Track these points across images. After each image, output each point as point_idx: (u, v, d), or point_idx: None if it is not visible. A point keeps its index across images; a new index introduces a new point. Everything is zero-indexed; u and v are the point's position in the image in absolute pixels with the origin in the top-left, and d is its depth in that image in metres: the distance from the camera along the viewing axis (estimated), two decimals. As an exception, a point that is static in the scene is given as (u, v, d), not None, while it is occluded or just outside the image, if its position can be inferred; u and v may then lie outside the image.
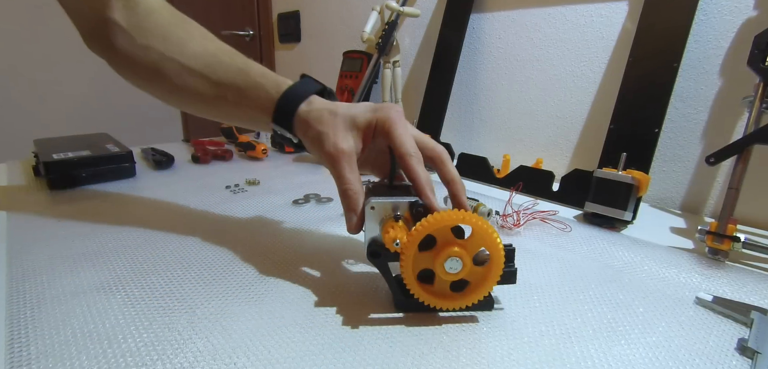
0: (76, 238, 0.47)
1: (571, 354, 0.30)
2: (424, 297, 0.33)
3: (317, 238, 0.49)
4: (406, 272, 0.32)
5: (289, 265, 0.42)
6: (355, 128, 0.37)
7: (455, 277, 0.32)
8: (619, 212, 0.53)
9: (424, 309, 0.34)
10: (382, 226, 0.33)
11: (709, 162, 0.50)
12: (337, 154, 0.36)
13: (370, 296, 0.37)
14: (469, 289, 0.33)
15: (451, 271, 0.32)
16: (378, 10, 0.96)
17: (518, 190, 0.64)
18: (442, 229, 0.31)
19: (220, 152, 0.87)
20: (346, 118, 0.37)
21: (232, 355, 0.29)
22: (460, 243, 0.32)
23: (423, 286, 0.33)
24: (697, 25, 0.62)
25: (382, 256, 0.33)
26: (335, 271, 0.41)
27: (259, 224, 0.53)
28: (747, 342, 0.31)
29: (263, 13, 1.49)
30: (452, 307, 0.33)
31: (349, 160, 0.36)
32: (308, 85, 0.40)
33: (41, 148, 0.72)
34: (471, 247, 0.32)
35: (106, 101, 1.98)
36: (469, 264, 0.32)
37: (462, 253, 0.31)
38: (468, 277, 0.33)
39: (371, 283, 0.39)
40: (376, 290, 0.38)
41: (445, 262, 0.31)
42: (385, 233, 0.32)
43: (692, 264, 0.44)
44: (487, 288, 0.33)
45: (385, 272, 0.35)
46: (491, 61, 0.88)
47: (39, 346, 0.30)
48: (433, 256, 0.32)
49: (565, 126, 0.79)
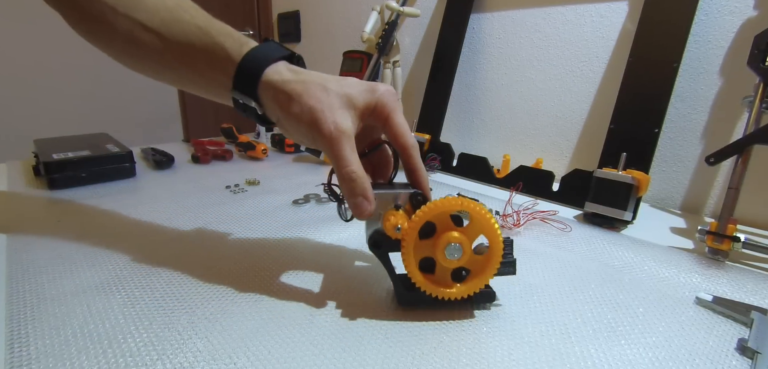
0: (76, 238, 0.47)
1: (571, 354, 0.30)
2: (426, 285, 0.33)
3: (317, 239, 0.49)
4: (408, 260, 0.32)
5: (289, 265, 0.42)
6: (353, 108, 0.34)
7: (456, 265, 0.32)
8: (619, 212, 0.53)
9: (427, 302, 0.34)
10: (382, 217, 0.33)
11: (709, 162, 0.50)
12: (339, 134, 0.32)
13: (370, 297, 0.37)
14: (470, 278, 0.34)
15: (451, 257, 0.32)
16: (378, 10, 0.96)
17: (518, 190, 0.64)
18: (441, 215, 0.32)
19: (220, 152, 0.87)
20: (341, 95, 0.33)
21: (232, 355, 0.29)
22: (460, 230, 0.32)
23: (424, 276, 0.33)
24: (697, 25, 0.61)
25: (383, 246, 0.34)
26: (335, 271, 0.41)
27: (259, 224, 0.53)
28: (747, 342, 0.31)
29: (263, 13, 1.49)
30: (453, 296, 0.33)
31: (349, 141, 0.32)
32: (273, 49, 0.36)
33: (41, 148, 0.72)
34: (470, 234, 0.32)
35: (106, 101, 1.98)
36: (468, 251, 0.32)
37: (462, 240, 0.32)
38: (468, 265, 0.34)
39: (371, 283, 0.39)
40: (375, 291, 0.38)
41: (445, 249, 0.32)
42: (386, 221, 0.32)
43: (692, 264, 0.44)
44: (487, 276, 0.33)
45: (386, 264, 0.35)
46: (491, 61, 0.88)
47: (39, 346, 0.30)
48: (433, 243, 0.32)
49: (565, 126, 0.79)
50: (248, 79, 0.34)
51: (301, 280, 0.39)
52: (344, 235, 0.50)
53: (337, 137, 0.32)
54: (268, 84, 0.34)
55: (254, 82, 0.34)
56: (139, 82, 2.40)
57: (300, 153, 0.92)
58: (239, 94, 0.35)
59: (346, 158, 0.32)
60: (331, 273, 0.41)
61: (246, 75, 0.34)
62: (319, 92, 0.33)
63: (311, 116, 0.32)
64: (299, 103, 0.33)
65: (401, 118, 0.35)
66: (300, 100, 0.33)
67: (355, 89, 0.34)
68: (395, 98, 0.35)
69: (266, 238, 0.49)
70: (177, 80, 0.40)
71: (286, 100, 0.33)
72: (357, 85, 0.34)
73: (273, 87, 0.34)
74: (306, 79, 0.34)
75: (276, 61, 0.35)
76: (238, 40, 0.36)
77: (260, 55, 0.35)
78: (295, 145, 0.93)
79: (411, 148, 0.35)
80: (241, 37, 0.36)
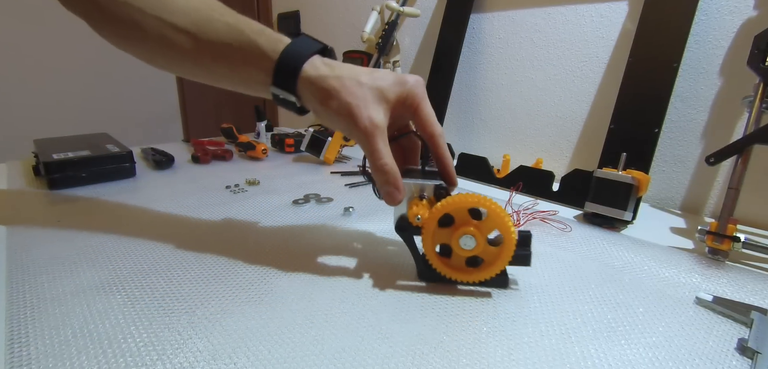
0: (76, 238, 0.47)
1: (571, 354, 0.30)
2: (442, 268, 0.37)
3: (317, 239, 0.49)
4: (427, 244, 0.37)
5: (289, 265, 0.42)
6: (385, 101, 0.36)
7: (470, 254, 0.36)
8: (619, 212, 0.53)
9: (443, 280, 0.38)
10: (408, 204, 0.37)
11: (709, 162, 0.50)
12: (373, 128, 0.34)
13: (370, 297, 0.37)
14: (483, 266, 0.37)
15: (465, 247, 0.36)
16: (378, 10, 0.96)
17: (518, 190, 0.64)
18: (459, 209, 0.36)
19: (220, 152, 0.87)
20: (374, 89, 0.35)
21: (232, 355, 0.29)
22: (476, 223, 0.36)
23: (442, 259, 0.38)
24: (697, 25, 0.62)
25: (408, 231, 0.38)
26: (335, 271, 0.41)
27: (259, 224, 0.53)
28: (747, 342, 0.31)
29: (263, 13, 1.49)
30: (467, 280, 0.37)
31: (383, 134, 0.35)
32: (309, 44, 0.37)
33: (41, 148, 0.72)
34: (485, 228, 0.36)
35: (106, 101, 1.98)
36: (482, 243, 0.36)
37: (476, 233, 0.35)
38: (482, 254, 0.37)
39: (371, 283, 0.39)
40: (376, 291, 0.38)
41: (461, 239, 0.35)
42: (409, 209, 0.36)
43: (692, 264, 0.44)
44: (499, 266, 0.36)
45: (410, 245, 0.39)
46: (491, 61, 0.88)
47: (39, 346, 0.30)
48: (451, 232, 0.36)
49: (565, 126, 0.79)
50: (287, 76, 0.36)
51: (300, 279, 0.39)
52: (344, 235, 0.50)
53: (372, 131, 0.34)
54: (306, 80, 0.35)
55: (293, 79, 0.36)
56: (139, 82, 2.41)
57: (300, 153, 0.92)
58: (279, 90, 0.37)
59: (379, 151, 0.35)
60: (331, 273, 0.41)
61: (285, 72, 0.36)
62: (354, 87, 0.35)
63: (348, 111, 0.34)
64: (337, 99, 0.35)
65: (429, 108, 0.37)
66: (338, 96, 0.35)
67: (386, 82, 0.36)
68: (423, 88, 0.37)
69: (266, 239, 0.49)
70: (211, 78, 0.41)
71: (324, 95, 0.35)
72: (388, 78, 0.36)
73: (311, 82, 0.35)
74: (341, 74, 0.35)
75: (311, 56, 0.36)
76: (270, 37, 0.37)
77: (296, 52, 0.36)
78: (295, 145, 0.93)
79: (438, 136, 0.37)
80: (273, 34, 0.37)
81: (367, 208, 0.59)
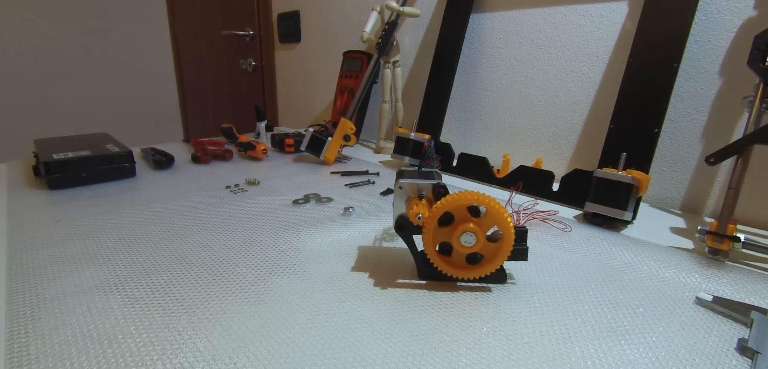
0: (76, 238, 0.47)
1: (571, 354, 0.30)
2: (443, 266, 0.37)
3: (317, 239, 0.49)
4: (427, 243, 0.37)
5: (289, 265, 0.42)
6: None
7: (470, 251, 0.37)
8: (619, 212, 0.53)
9: (444, 278, 0.38)
10: (407, 204, 0.38)
11: (709, 162, 0.50)
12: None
13: (370, 296, 0.37)
14: (483, 262, 0.38)
15: (465, 244, 0.36)
16: (378, 10, 0.96)
17: (518, 190, 0.64)
18: (459, 207, 0.36)
19: (220, 152, 0.87)
20: None
21: (232, 355, 0.29)
22: (475, 221, 0.36)
23: (442, 257, 0.38)
24: (697, 25, 0.62)
25: (407, 230, 0.38)
26: (335, 271, 0.41)
27: (259, 224, 0.53)
28: (747, 342, 0.31)
29: (263, 13, 1.49)
30: (467, 276, 0.38)
31: None
32: None
33: (41, 148, 0.72)
34: (484, 225, 0.36)
35: (106, 101, 1.98)
36: (482, 239, 0.36)
37: (476, 230, 0.36)
38: (482, 251, 0.37)
39: (371, 283, 0.39)
40: (376, 291, 0.38)
41: (461, 237, 0.36)
42: (409, 209, 0.37)
43: (692, 264, 0.44)
44: (498, 262, 0.37)
45: (410, 244, 0.39)
46: (491, 61, 0.88)
47: (39, 346, 0.30)
48: (451, 231, 0.37)
49: (565, 126, 0.79)
50: None
51: (301, 279, 0.39)
52: (344, 235, 0.50)
53: None
54: None
55: None
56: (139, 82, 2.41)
57: (300, 153, 0.92)
58: None
59: None
60: (331, 273, 0.41)
61: None
62: None
63: None
64: None
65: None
66: None
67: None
68: None
69: (266, 239, 0.49)
70: None
71: None
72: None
73: None
74: None
75: None
76: None
77: None
78: (295, 145, 0.93)
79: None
80: None
81: (366, 208, 0.59)
